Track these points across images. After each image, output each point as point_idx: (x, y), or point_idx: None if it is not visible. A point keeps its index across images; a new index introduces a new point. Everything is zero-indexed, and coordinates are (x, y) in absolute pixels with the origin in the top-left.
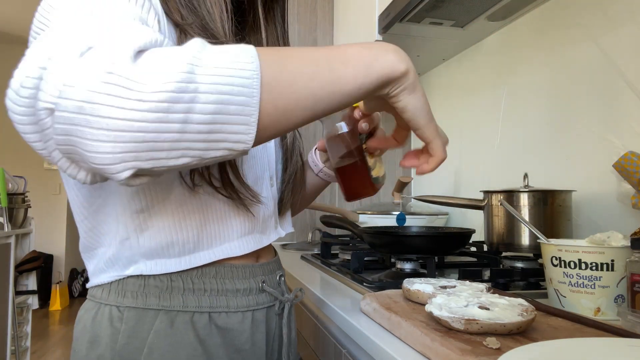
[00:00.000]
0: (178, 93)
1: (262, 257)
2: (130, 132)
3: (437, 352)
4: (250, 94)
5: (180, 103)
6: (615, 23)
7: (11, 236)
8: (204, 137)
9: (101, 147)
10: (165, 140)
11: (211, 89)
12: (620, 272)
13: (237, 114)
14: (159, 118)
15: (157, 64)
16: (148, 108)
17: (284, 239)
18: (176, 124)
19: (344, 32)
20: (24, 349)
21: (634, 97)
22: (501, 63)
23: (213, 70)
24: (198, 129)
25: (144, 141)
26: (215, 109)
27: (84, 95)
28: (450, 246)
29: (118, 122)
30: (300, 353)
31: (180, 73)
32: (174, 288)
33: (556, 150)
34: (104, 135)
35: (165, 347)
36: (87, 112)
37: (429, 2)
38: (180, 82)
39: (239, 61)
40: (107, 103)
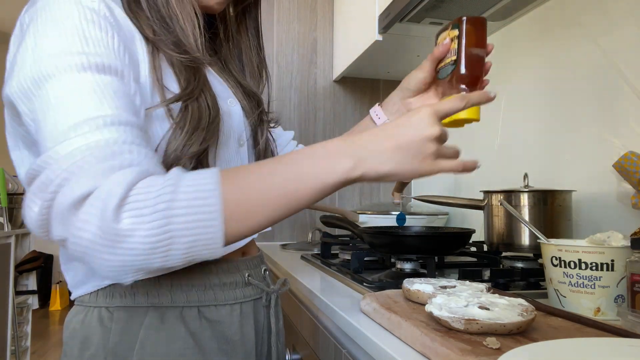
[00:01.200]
0: (157, 242)
1: (247, 252)
2: (125, 267)
3: (437, 352)
4: (215, 235)
5: (160, 248)
6: (615, 23)
7: (11, 236)
8: (181, 261)
9: (104, 272)
10: (153, 266)
11: (184, 234)
12: (620, 272)
13: (206, 249)
14: (144, 259)
15: (138, 218)
16: (135, 254)
17: (284, 239)
18: (158, 260)
19: (344, 32)
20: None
21: (634, 97)
22: (501, 63)
23: (184, 221)
24: (178, 258)
25: (136, 270)
26: (188, 247)
27: (85, 244)
28: (450, 246)
29: (114, 263)
30: (300, 353)
31: (158, 228)
32: (161, 285)
33: (556, 150)
34: (105, 267)
35: (157, 341)
36: (90, 254)
37: (429, 2)
38: (158, 234)
39: (208, 211)
40: (103, 251)
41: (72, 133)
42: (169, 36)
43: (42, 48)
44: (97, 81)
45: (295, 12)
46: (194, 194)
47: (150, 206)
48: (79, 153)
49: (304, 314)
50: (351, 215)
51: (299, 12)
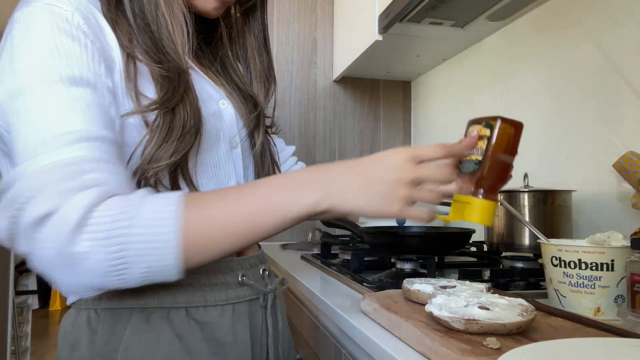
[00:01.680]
0: (112, 267)
1: (243, 252)
2: (83, 285)
3: (437, 352)
4: (170, 264)
5: (116, 271)
6: (615, 23)
7: None
8: (138, 283)
9: (65, 289)
10: (111, 286)
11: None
12: (620, 272)
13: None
14: (103, 281)
15: (96, 241)
16: (92, 275)
17: (284, 239)
18: (115, 281)
19: (344, 32)
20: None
21: (634, 97)
22: (501, 63)
23: (139, 248)
24: (135, 280)
25: (94, 289)
26: (145, 272)
27: (45, 264)
28: (450, 246)
29: (72, 282)
30: (300, 352)
31: (113, 253)
32: (147, 286)
33: (556, 150)
34: (65, 285)
35: (141, 343)
36: (50, 272)
37: (429, 2)
38: (113, 259)
39: (162, 240)
40: (61, 272)
41: (40, 149)
42: (149, 43)
43: (17, 61)
44: (69, 95)
45: (295, 12)
46: (151, 221)
47: (107, 230)
48: (43, 172)
49: (304, 314)
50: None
51: (299, 12)
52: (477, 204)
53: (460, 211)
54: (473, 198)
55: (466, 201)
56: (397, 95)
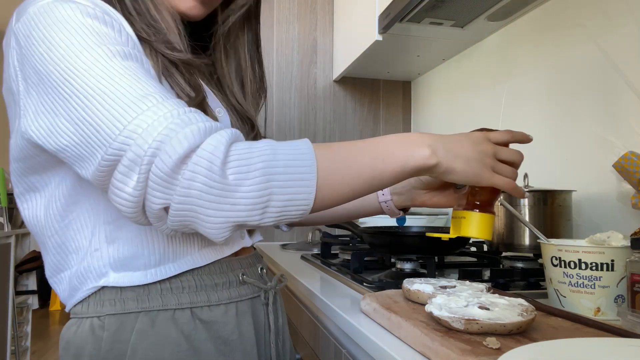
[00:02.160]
0: (258, 198)
1: (240, 253)
2: (228, 222)
3: (437, 352)
4: (309, 197)
5: (260, 203)
6: (615, 23)
7: (11, 236)
8: (275, 219)
9: (205, 229)
10: (249, 222)
11: (281, 192)
12: (620, 272)
13: (297, 209)
14: (246, 214)
15: (242, 174)
16: (238, 209)
17: (284, 239)
18: (256, 216)
19: (344, 32)
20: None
21: (634, 97)
22: (501, 63)
23: (283, 180)
24: (272, 216)
25: (237, 224)
26: (284, 205)
27: (192, 202)
28: (450, 246)
29: (217, 219)
30: (300, 353)
31: (260, 184)
32: (151, 290)
33: (556, 150)
34: (208, 224)
35: (148, 346)
36: (195, 212)
37: (429, 2)
38: (260, 190)
39: (303, 172)
40: (209, 207)
41: (137, 109)
42: (160, 37)
43: (58, 47)
44: (126, 67)
45: (295, 12)
46: (291, 155)
47: (253, 164)
48: (159, 124)
49: (304, 314)
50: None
51: (299, 12)
52: (473, 217)
53: (458, 227)
54: (469, 212)
55: (462, 216)
56: (397, 95)
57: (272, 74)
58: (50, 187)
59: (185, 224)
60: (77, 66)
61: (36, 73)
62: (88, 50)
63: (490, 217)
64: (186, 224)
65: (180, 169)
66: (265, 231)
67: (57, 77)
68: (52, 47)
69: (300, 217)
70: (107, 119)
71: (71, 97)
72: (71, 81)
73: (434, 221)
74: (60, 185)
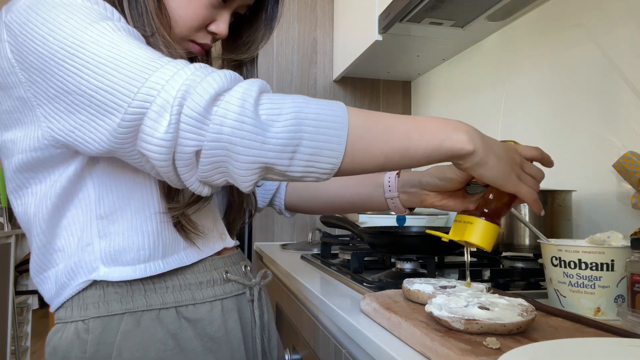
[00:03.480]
0: (289, 140)
1: (223, 252)
2: (257, 162)
3: (437, 352)
4: (339, 148)
5: (290, 146)
6: (615, 23)
7: (11, 236)
8: (302, 169)
9: (234, 169)
10: (278, 166)
11: (311, 139)
12: (620, 272)
13: (326, 161)
14: (275, 155)
15: (274, 115)
16: (268, 149)
17: (284, 239)
18: (285, 160)
19: (344, 32)
20: (24, 349)
21: (634, 97)
22: (501, 63)
23: (314, 126)
24: (300, 164)
25: (265, 167)
26: (313, 153)
27: (224, 139)
28: (450, 246)
29: (246, 158)
30: (300, 352)
31: (291, 126)
32: (134, 291)
33: (556, 150)
34: (237, 162)
35: (134, 346)
36: (228, 149)
37: (429, 2)
38: (291, 132)
39: (334, 122)
40: (240, 144)
41: (153, 67)
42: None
43: (61, 27)
44: (132, 39)
45: (295, 12)
46: (324, 107)
47: (286, 107)
48: (183, 73)
49: (304, 314)
50: (351, 215)
51: (299, 12)
52: (479, 224)
53: (461, 231)
54: (476, 218)
55: (468, 221)
56: (397, 95)
57: (272, 74)
58: (43, 185)
59: (216, 166)
60: (84, 39)
61: (38, 57)
62: (93, 25)
63: (496, 228)
64: (217, 166)
65: (212, 108)
66: (265, 231)
67: (63, 54)
68: (55, 27)
69: (329, 174)
70: (124, 81)
71: (81, 70)
72: (79, 54)
73: (434, 221)
74: (54, 184)
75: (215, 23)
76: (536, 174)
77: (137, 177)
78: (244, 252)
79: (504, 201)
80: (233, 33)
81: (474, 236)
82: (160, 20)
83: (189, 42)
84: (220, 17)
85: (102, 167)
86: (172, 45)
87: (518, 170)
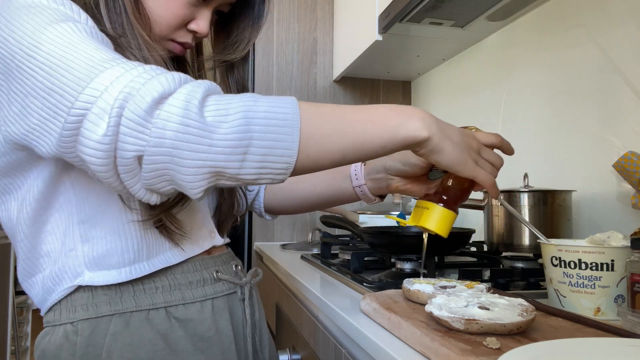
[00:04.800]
0: (238, 141)
1: (213, 252)
2: (205, 167)
3: (437, 352)
4: (292, 146)
5: (240, 147)
6: (615, 23)
7: None
8: (255, 171)
9: (181, 176)
10: (228, 170)
11: (262, 138)
12: (620, 272)
13: (279, 161)
14: (224, 159)
15: (221, 117)
16: (216, 151)
17: (284, 239)
18: (235, 163)
19: (344, 32)
20: (24, 349)
21: (634, 97)
22: (501, 63)
23: (264, 125)
24: (252, 165)
25: (215, 172)
26: (264, 153)
27: (167, 144)
28: (450, 246)
29: (194, 162)
30: (300, 352)
31: (240, 126)
32: (123, 292)
33: (556, 150)
34: (184, 169)
35: (123, 347)
36: (172, 155)
37: (429, 2)
38: (240, 132)
39: (284, 119)
40: (185, 148)
41: (101, 67)
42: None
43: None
44: (91, 41)
45: (295, 12)
46: (273, 104)
47: (233, 108)
48: (129, 74)
49: (304, 314)
50: (351, 215)
51: (299, 12)
52: (436, 210)
53: (418, 216)
54: (433, 204)
55: (425, 206)
56: (397, 95)
57: (272, 74)
58: (22, 190)
59: (160, 173)
60: (41, 40)
61: (1, 59)
62: (52, 26)
63: (452, 214)
64: (161, 173)
65: (154, 112)
66: (265, 231)
67: (22, 56)
68: (16, 28)
69: (284, 175)
70: (72, 81)
71: (36, 71)
72: (35, 55)
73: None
74: (31, 189)
75: (195, 21)
76: (494, 160)
77: None
78: (244, 252)
79: (462, 187)
80: (221, 33)
81: (430, 222)
82: (138, 20)
83: (169, 42)
84: (200, 16)
85: (80, 170)
86: (151, 45)
87: (475, 156)
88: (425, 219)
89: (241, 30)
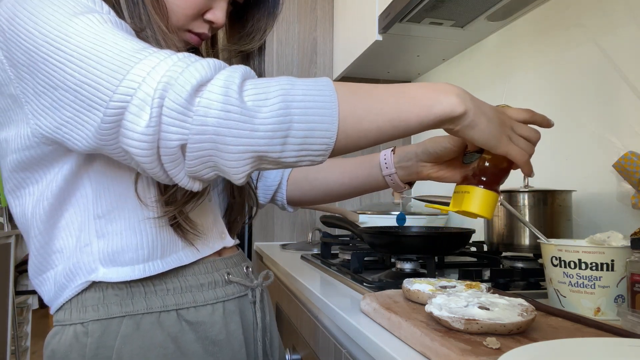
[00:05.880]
0: (278, 124)
1: (224, 253)
2: (247, 152)
3: (437, 352)
4: (331, 127)
5: (280, 131)
6: (615, 23)
7: (11, 236)
8: (296, 154)
9: (224, 162)
10: (270, 154)
11: (302, 120)
12: (620, 272)
13: (319, 142)
14: (266, 142)
15: (260, 101)
16: (258, 136)
17: (284, 239)
18: (277, 147)
19: (344, 32)
20: (24, 349)
21: (634, 97)
22: (501, 63)
23: (303, 107)
24: (293, 148)
25: (257, 156)
26: (305, 135)
27: (210, 131)
28: (450, 246)
29: (237, 148)
30: (300, 352)
31: (279, 110)
32: (134, 293)
33: (556, 150)
34: (227, 154)
35: (133, 350)
36: (215, 141)
37: (429, 2)
38: (280, 116)
39: (323, 101)
40: (228, 134)
41: (135, 59)
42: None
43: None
44: (118, 31)
45: (295, 12)
46: (310, 85)
47: (271, 91)
48: (164, 64)
49: (304, 314)
50: (351, 215)
51: (299, 12)
52: (477, 192)
53: (459, 201)
54: (473, 187)
55: (466, 190)
56: None
57: (272, 74)
58: (40, 185)
59: (204, 160)
60: (68, 32)
61: (25, 52)
62: (79, 17)
63: (494, 195)
64: (205, 160)
65: (195, 99)
66: (265, 231)
67: (48, 49)
68: (40, 21)
69: (324, 156)
70: (106, 74)
71: (65, 64)
72: (63, 48)
73: (434, 221)
74: (50, 184)
75: (212, 11)
76: (528, 135)
77: (133, 175)
78: (244, 252)
79: (501, 167)
80: (236, 24)
81: (473, 205)
82: (156, 10)
83: (186, 32)
84: (216, 5)
85: (98, 165)
86: (168, 36)
87: (509, 132)
88: (468, 203)
89: (257, 20)
